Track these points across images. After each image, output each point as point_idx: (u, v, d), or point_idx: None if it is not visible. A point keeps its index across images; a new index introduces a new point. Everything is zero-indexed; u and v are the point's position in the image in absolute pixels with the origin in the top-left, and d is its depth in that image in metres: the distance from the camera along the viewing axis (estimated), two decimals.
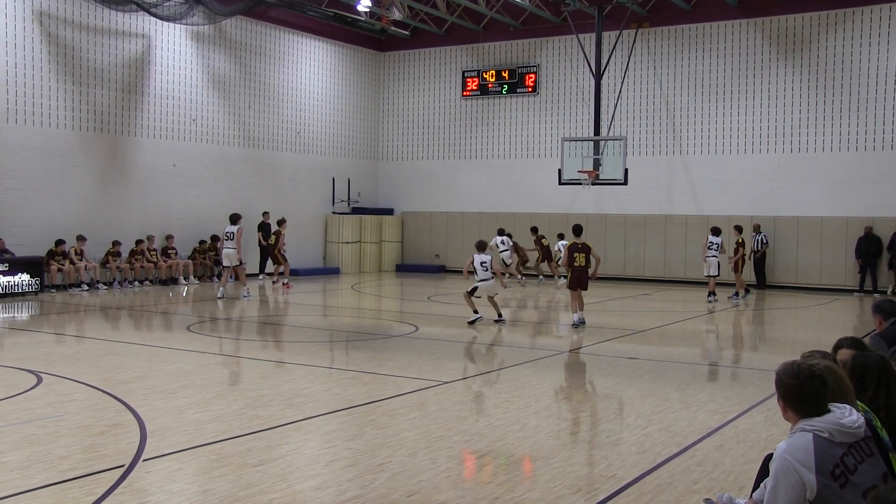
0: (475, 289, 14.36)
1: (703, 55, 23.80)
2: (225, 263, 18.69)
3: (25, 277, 17.91)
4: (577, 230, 14.74)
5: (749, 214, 22.69)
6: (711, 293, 18.86)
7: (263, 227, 22.88)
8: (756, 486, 3.82)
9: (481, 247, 14.71)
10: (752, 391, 9.15)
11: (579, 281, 14.26)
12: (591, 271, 14.34)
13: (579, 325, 14.11)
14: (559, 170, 22.34)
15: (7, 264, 17.63)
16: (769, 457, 3.66)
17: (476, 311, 14.28)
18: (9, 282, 17.60)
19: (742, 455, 6.60)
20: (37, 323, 14.86)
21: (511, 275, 22.84)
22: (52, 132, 19.51)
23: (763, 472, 3.80)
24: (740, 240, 19.51)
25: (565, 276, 22.13)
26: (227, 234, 18.49)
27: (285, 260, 21.53)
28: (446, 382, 9.33)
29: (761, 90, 23.05)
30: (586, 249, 14.30)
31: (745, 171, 23.18)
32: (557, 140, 24.44)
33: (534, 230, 23.97)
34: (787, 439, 3.40)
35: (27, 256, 18.28)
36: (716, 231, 18.94)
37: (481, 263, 14.28)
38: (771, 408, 8.04)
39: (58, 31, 19.63)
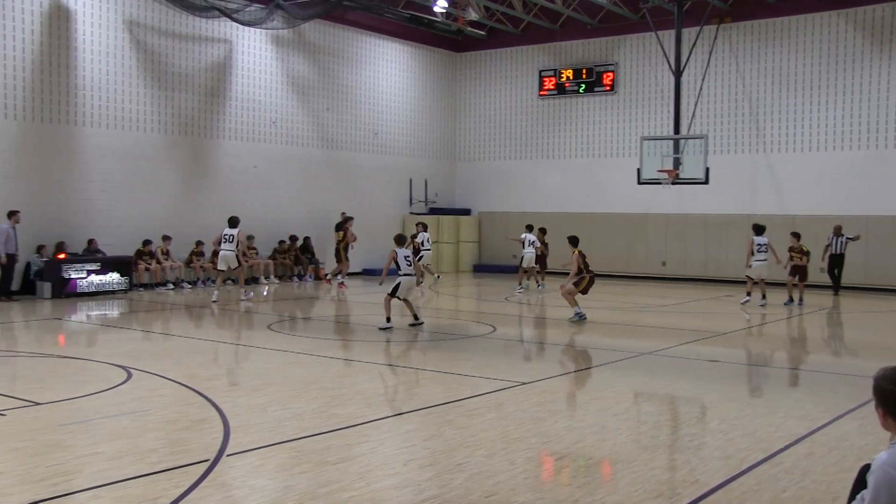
0: (397, 286, 13.56)
1: (788, 50, 23.03)
2: (220, 267, 17.59)
3: (115, 276, 18.63)
4: (576, 241, 15.15)
5: (838, 214, 21.81)
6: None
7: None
8: (851, 498, 3.63)
9: (401, 241, 14.14)
10: (843, 398, 8.78)
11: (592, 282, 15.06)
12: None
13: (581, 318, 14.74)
14: (638, 169, 21.98)
15: (99, 264, 18.39)
16: (866, 467, 3.48)
17: (389, 319, 13.51)
18: (100, 280, 18.34)
19: (834, 464, 6.33)
20: (126, 320, 15.43)
21: (421, 276, 21.74)
22: (140, 136, 20.22)
23: (859, 484, 3.62)
24: (803, 246, 18.34)
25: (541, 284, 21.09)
26: (227, 237, 17.47)
27: (347, 259, 21.41)
28: (524, 383, 9.26)
29: (851, 84, 22.15)
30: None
31: (833, 169, 22.31)
32: (636, 139, 24.04)
33: (542, 230, 21.89)
34: (887, 450, 3.22)
35: (117, 256, 19.01)
36: (758, 229, 17.87)
37: (405, 258, 13.76)
38: (865, 416, 7.70)
39: (146, 38, 20.35)
